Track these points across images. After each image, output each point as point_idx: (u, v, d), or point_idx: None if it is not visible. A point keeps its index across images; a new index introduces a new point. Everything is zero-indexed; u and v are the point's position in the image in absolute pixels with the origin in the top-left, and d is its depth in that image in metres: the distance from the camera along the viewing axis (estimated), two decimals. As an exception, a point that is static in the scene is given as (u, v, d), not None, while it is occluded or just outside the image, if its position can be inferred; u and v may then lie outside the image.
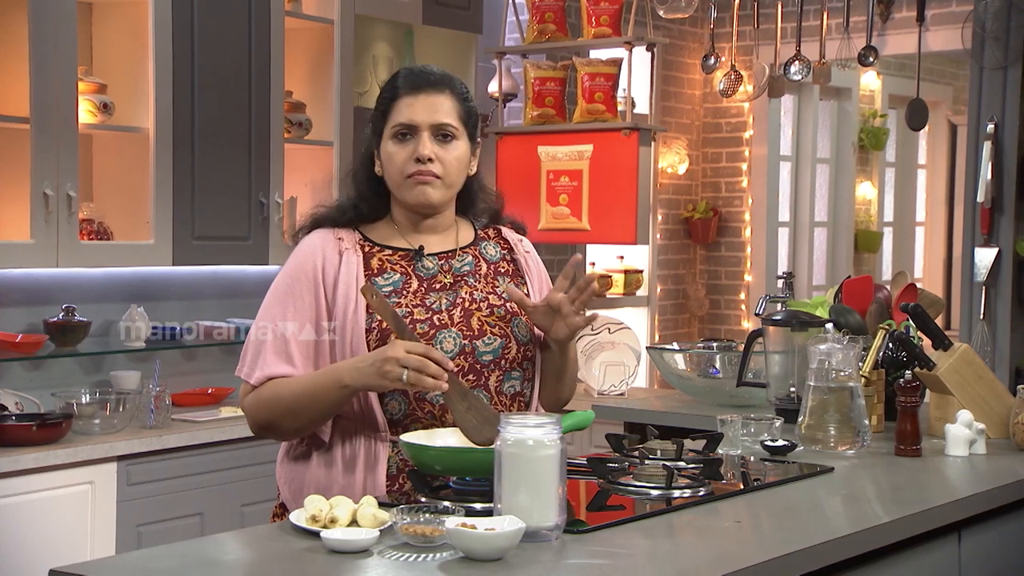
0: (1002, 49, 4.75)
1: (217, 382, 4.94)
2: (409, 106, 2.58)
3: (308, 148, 5.04)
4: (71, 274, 4.51)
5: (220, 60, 4.63)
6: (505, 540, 1.99)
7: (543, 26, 5.47)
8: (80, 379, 4.56)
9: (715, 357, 4.29)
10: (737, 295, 7.38)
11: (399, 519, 2.07)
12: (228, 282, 5.03)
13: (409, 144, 2.58)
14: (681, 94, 7.21)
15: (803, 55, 5.20)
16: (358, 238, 2.64)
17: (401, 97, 2.59)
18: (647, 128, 5.29)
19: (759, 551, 2.12)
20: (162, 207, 4.47)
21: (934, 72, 8.93)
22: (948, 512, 2.53)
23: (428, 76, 2.63)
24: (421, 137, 2.57)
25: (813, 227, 8.04)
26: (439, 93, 2.60)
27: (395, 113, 2.59)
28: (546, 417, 2.14)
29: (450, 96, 2.61)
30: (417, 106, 2.58)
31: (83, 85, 4.30)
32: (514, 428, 2.12)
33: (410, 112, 2.58)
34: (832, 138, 8.22)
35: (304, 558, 2.02)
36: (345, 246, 2.61)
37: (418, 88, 2.59)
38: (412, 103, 2.58)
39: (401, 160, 2.58)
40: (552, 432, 2.11)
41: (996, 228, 4.76)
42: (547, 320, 2.57)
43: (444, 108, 2.59)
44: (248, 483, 4.46)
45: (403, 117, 2.58)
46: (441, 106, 2.59)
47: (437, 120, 2.58)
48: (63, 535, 3.94)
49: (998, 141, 4.75)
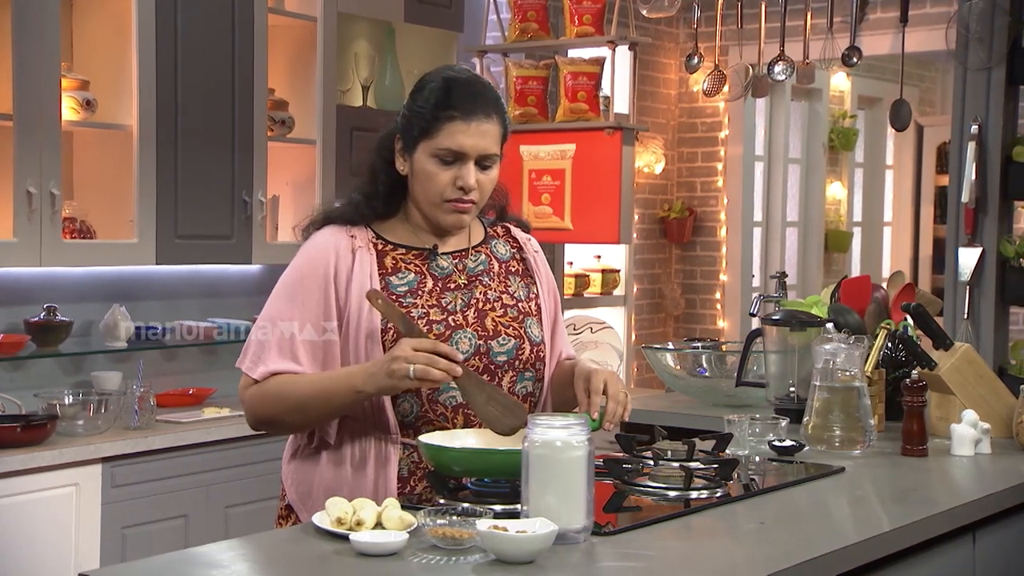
0: (986, 50, 4.77)
1: (198, 382, 4.89)
2: (462, 132, 2.48)
3: (291, 146, 4.99)
4: (51, 273, 4.44)
5: (203, 56, 4.58)
6: (538, 543, 1.97)
7: (525, 25, 5.45)
8: (60, 380, 4.49)
9: (701, 356, 4.29)
10: (712, 294, 7.39)
11: (427, 521, 2.04)
12: (209, 281, 4.98)
13: (452, 169, 2.50)
14: (657, 94, 7.21)
15: (787, 55, 5.20)
16: (371, 236, 2.59)
17: (455, 120, 2.48)
18: (630, 128, 5.28)
19: (790, 553, 2.11)
20: (145, 205, 4.42)
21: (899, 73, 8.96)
22: (965, 513, 2.53)
23: (483, 101, 2.52)
24: (468, 166, 2.50)
25: (785, 227, 8.07)
26: (489, 120, 2.51)
27: (444, 135, 2.49)
28: (573, 418, 2.11)
29: (497, 121, 2.53)
30: (469, 133, 2.48)
31: (65, 81, 4.24)
32: (542, 429, 2.09)
33: (462, 139, 2.48)
34: (803, 138, 8.25)
35: (334, 561, 1.99)
36: (358, 244, 2.56)
37: (473, 113, 2.49)
38: (465, 130, 2.48)
39: (442, 184, 2.51)
40: (580, 433, 2.09)
41: (980, 228, 4.78)
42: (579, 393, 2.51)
43: (492, 135, 2.51)
44: (232, 484, 4.42)
45: (454, 144, 2.49)
46: (490, 134, 2.51)
47: (486, 150, 2.51)
48: (48, 538, 3.89)
49: (982, 142, 4.76)
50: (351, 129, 5.13)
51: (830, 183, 8.57)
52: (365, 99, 5.31)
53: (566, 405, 2.61)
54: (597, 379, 2.44)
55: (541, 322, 2.65)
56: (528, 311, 2.62)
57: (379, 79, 5.36)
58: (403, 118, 2.59)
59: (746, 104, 7.05)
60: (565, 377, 2.63)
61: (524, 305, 2.62)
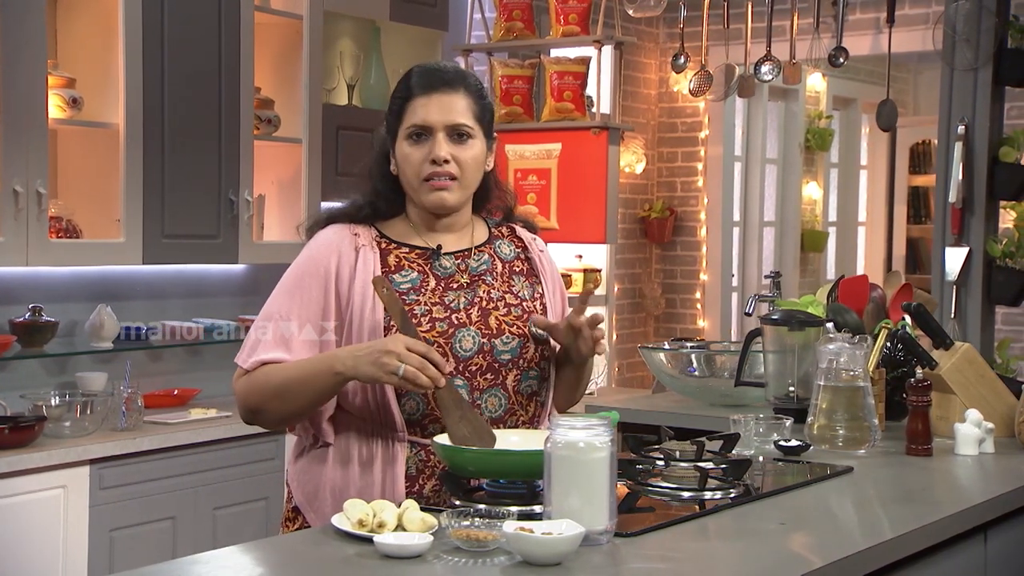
0: (973, 51, 4.79)
1: (183, 383, 4.85)
2: (423, 106, 2.53)
3: (277, 145, 4.96)
4: (35, 273, 4.39)
5: (190, 54, 4.54)
6: (566, 544, 1.95)
7: (511, 24, 5.44)
8: (45, 380, 4.45)
9: (691, 356, 4.29)
10: (693, 294, 7.39)
11: (450, 523, 2.02)
12: (193, 281, 4.94)
13: (424, 145, 2.53)
14: (637, 93, 7.21)
15: (773, 55, 5.21)
16: (374, 234, 2.59)
17: (415, 97, 2.54)
18: (616, 127, 5.28)
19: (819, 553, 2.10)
20: (132, 205, 4.37)
21: (873, 74, 9.03)
22: (979, 512, 2.53)
23: (441, 75, 2.57)
24: (436, 138, 2.52)
25: (762, 227, 8.08)
26: (453, 92, 2.55)
27: (409, 114, 2.54)
28: (596, 419, 2.10)
29: (464, 94, 2.56)
30: (431, 106, 2.53)
31: (52, 79, 4.19)
32: (564, 430, 2.08)
33: (424, 112, 2.53)
34: (780, 139, 8.27)
35: (358, 563, 1.97)
36: (362, 242, 2.56)
37: (431, 88, 2.54)
38: (426, 103, 2.53)
39: (417, 161, 2.53)
40: (603, 434, 2.08)
41: (967, 228, 4.80)
42: (568, 339, 2.54)
43: (459, 107, 2.55)
44: (220, 486, 4.39)
45: (417, 118, 2.53)
46: (455, 105, 2.54)
47: (452, 120, 2.53)
48: (35, 542, 3.85)
49: (969, 142, 4.78)
50: (337, 128, 5.11)
51: (806, 183, 8.59)
52: (351, 98, 5.28)
53: (570, 374, 2.63)
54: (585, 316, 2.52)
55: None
56: (533, 310, 2.61)
57: (364, 78, 5.33)
58: (385, 117, 2.62)
59: (726, 105, 7.06)
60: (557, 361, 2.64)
61: (529, 304, 2.61)
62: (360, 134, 5.15)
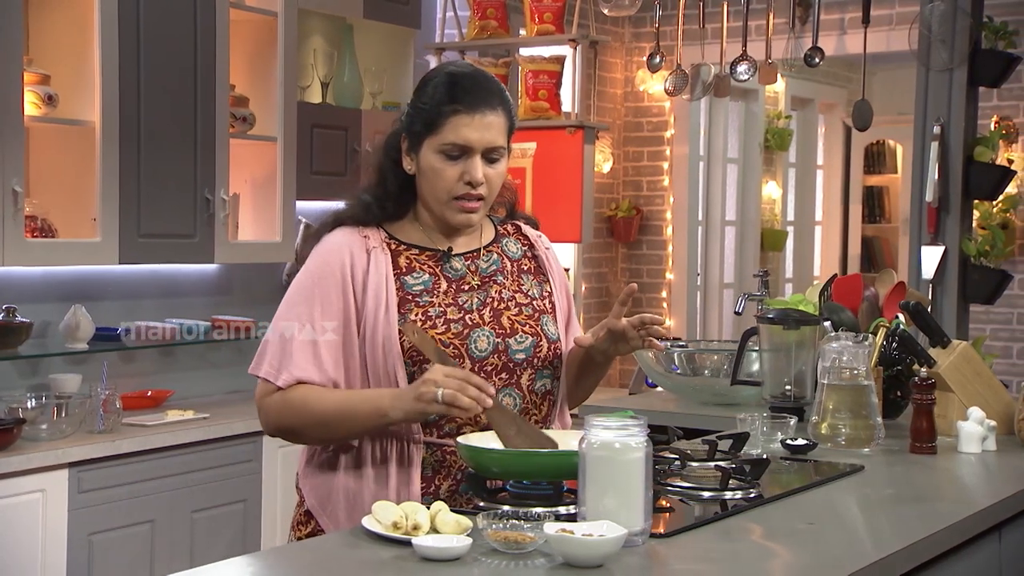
0: (948, 51, 4.82)
1: (157, 384, 4.79)
2: (467, 126, 2.44)
3: (251, 143, 4.90)
4: (8, 273, 4.31)
5: (166, 50, 4.47)
6: (609, 546, 1.93)
7: (484, 23, 5.41)
8: (17, 382, 4.37)
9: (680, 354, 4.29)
10: (659, 293, 7.40)
11: (487, 525, 1.99)
12: (166, 281, 4.87)
13: (459, 164, 2.46)
14: (603, 92, 7.20)
15: (749, 55, 5.21)
16: (384, 236, 2.55)
17: (459, 114, 2.44)
18: (591, 126, 5.26)
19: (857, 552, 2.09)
20: (108, 204, 4.30)
21: (829, 75, 9.08)
22: (995, 512, 2.53)
23: (487, 93, 2.48)
24: (474, 160, 2.46)
25: (724, 226, 8.11)
26: (494, 112, 2.47)
27: (448, 130, 2.45)
28: (631, 419, 2.08)
29: (501, 112, 2.49)
30: (474, 127, 2.44)
31: (26, 76, 4.10)
32: (599, 431, 2.05)
33: (468, 133, 2.44)
34: (740, 138, 8.30)
35: (397, 567, 1.94)
36: (372, 244, 2.52)
37: (475, 107, 2.45)
38: (469, 123, 2.44)
39: (450, 179, 2.47)
40: (639, 434, 2.06)
41: (942, 227, 4.83)
42: (606, 344, 2.50)
43: (497, 127, 2.48)
44: (198, 488, 4.34)
45: (459, 138, 2.45)
46: (495, 125, 2.47)
47: (492, 143, 2.47)
48: (14, 546, 3.78)
49: (944, 142, 4.81)
50: (311, 126, 5.06)
51: (765, 183, 8.63)
52: (324, 96, 5.23)
53: (593, 372, 2.62)
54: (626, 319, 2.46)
55: (556, 319, 2.62)
56: (543, 308, 2.59)
57: (337, 76, 5.29)
58: (407, 116, 2.55)
59: (691, 105, 7.07)
60: (572, 359, 2.61)
61: (539, 303, 2.59)
62: (334, 132, 5.11)
